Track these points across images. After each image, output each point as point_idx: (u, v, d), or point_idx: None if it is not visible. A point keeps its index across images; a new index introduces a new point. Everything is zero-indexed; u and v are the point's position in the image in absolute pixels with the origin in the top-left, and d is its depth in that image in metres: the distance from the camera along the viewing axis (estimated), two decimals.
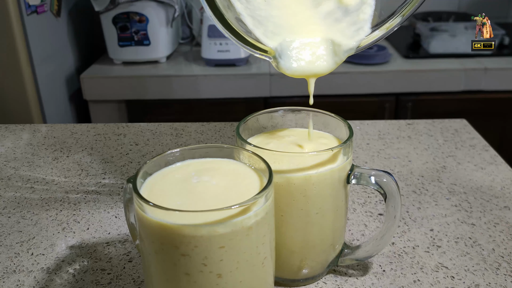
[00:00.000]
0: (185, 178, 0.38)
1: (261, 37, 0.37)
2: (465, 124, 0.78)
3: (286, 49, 0.37)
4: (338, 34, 0.38)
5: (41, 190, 0.61)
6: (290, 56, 0.38)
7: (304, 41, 0.38)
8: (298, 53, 0.38)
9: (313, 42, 0.38)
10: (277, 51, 0.37)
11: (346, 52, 0.39)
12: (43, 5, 1.34)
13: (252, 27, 0.36)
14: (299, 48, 0.38)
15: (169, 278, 0.34)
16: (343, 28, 0.38)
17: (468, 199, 0.58)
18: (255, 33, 0.36)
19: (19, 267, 0.47)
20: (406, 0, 0.37)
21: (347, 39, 0.38)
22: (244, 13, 0.36)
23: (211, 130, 0.77)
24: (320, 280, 0.46)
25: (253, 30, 0.36)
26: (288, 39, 0.38)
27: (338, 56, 0.39)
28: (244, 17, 0.35)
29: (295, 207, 0.40)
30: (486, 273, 0.46)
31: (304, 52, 0.38)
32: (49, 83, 1.38)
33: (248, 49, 0.37)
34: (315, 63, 0.39)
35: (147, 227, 0.34)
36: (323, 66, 0.39)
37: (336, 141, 0.45)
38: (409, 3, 0.37)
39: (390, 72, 1.43)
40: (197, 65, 1.50)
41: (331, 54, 0.38)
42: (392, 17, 0.38)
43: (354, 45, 0.38)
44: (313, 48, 0.38)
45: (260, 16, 0.37)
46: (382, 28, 0.38)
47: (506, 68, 1.43)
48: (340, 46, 0.38)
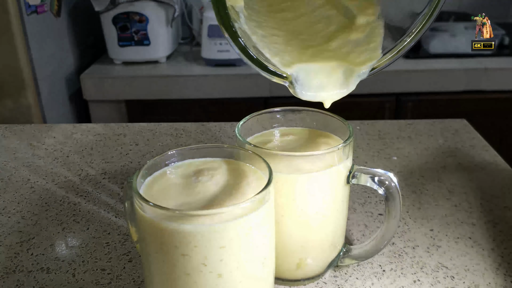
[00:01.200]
0: (185, 178, 0.38)
1: (278, 65, 0.38)
2: (465, 124, 0.78)
3: (302, 76, 0.39)
4: (350, 61, 0.39)
5: (41, 190, 0.61)
6: (305, 83, 0.39)
7: (319, 68, 0.39)
8: (313, 80, 0.39)
9: (327, 69, 0.39)
10: (293, 77, 0.38)
11: (359, 77, 0.39)
12: (43, 5, 1.34)
13: (269, 56, 0.37)
14: (314, 75, 0.39)
15: (169, 278, 0.34)
16: (355, 56, 0.39)
17: (468, 199, 0.58)
18: (272, 61, 0.37)
19: (19, 267, 0.47)
20: (414, 22, 0.38)
21: (359, 65, 0.39)
22: (260, 44, 0.37)
23: (211, 130, 0.77)
24: (320, 280, 0.46)
25: (270, 58, 0.37)
26: (304, 66, 0.39)
27: (351, 82, 0.40)
28: (260, 47, 0.36)
29: (295, 207, 0.40)
30: (486, 273, 0.46)
31: (319, 79, 0.39)
32: (49, 83, 1.38)
33: (266, 75, 0.37)
34: (329, 89, 0.39)
35: (147, 227, 0.34)
36: (336, 92, 0.40)
37: (336, 141, 0.45)
38: (418, 25, 0.38)
39: (390, 72, 1.43)
40: (197, 65, 1.50)
41: (344, 80, 0.39)
42: (402, 40, 0.39)
43: (366, 71, 0.39)
44: (328, 75, 0.39)
45: (276, 48, 0.38)
46: (393, 51, 0.39)
47: (506, 68, 1.43)
48: (353, 72, 0.39)
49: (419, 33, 0.38)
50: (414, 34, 0.38)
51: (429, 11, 0.37)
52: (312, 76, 0.39)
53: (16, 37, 1.23)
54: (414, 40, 0.38)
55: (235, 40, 0.34)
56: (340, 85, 0.39)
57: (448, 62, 1.46)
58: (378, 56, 0.39)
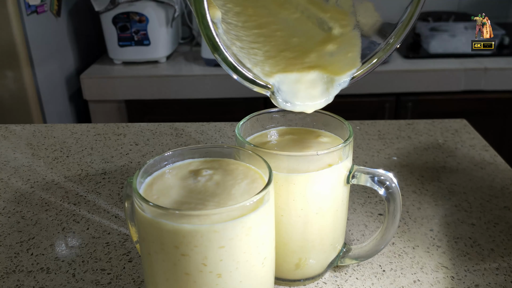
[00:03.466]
0: (185, 178, 0.38)
1: (259, 74, 0.38)
2: (465, 124, 0.78)
3: (283, 86, 0.39)
4: (331, 71, 0.40)
5: (41, 190, 0.61)
6: (287, 93, 0.39)
7: (300, 78, 0.39)
8: (294, 90, 0.39)
9: (308, 79, 0.40)
10: (274, 87, 0.38)
11: (340, 85, 0.40)
12: (43, 5, 1.34)
13: (250, 66, 0.38)
14: (295, 85, 0.39)
15: (169, 278, 0.34)
16: (335, 66, 0.40)
17: (468, 199, 0.58)
18: (253, 71, 0.38)
19: (19, 267, 0.47)
20: (391, 31, 0.39)
21: (339, 74, 0.40)
22: (240, 54, 0.38)
23: (211, 130, 0.77)
24: (320, 280, 0.46)
25: (251, 68, 0.38)
26: (284, 76, 0.39)
27: (332, 91, 0.40)
28: (240, 58, 0.37)
29: (295, 207, 0.40)
30: (486, 273, 0.46)
31: (300, 88, 0.40)
32: (49, 83, 1.39)
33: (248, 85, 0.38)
34: (311, 99, 0.40)
35: (147, 227, 0.34)
36: (318, 102, 0.40)
37: (336, 141, 0.45)
38: (395, 34, 0.39)
39: (390, 72, 1.43)
40: (197, 65, 1.50)
41: (325, 89, 0.40)
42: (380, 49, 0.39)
43: (347, 79, 0.40)
44: (309, 84, 0.40)
45: (255, 60, 0.39)
46: (371, 59, 0.40)
47: (506, 68, 1.43)
48: (334, 81, 0.40)
49: (397, 41, 0.39)
50: (391, 43, 0.39)
51: (407, 20, 0.38)
52: (294, 86, 0.39)
53: (16, 37, 1.23)
54: (391, 49, 0.39)
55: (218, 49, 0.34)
56: (321, 95, 0.40)
57: (448, 62, 1.46)
58: (358, 65, 0.40)
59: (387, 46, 0.39)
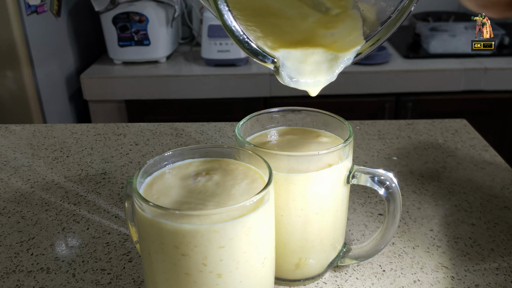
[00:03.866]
0: (185, 178, 0.38)
1: (263, 47, 0.37)
2: (465, 124, 0.78)
3: (287, 61, 0.38)
4: (335, 48, 0.39)
5: (41, 190, 0.61)
6: (291, 68, 0.38)
7: (304, 54, 0.39)
8: (298, 65, 0.39)
9: (313, 55, 0.39)
10: (279, 61, 0.38)
11: (344, 63, 0.39)
12: (43, 5, 1.34)
13: (254, 39, 0.37)
14: (299, 61, 0.39)
15: (169, 278, 0.34)
16: (339, 44, 0.39)
17: (468, 199, 0.58)
18: (258, 43, 0.37)
19: (19, 267, 0.47)
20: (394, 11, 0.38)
21: (344, 51, 0.39)
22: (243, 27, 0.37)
23: (211, 130, 0.77)
24: (320, 280, 0.46)
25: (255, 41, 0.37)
26: (288, 51, 0.38)
27: (336, 69, 0.40)
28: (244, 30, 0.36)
29: (295, 207, 0.40)
30: (486, 273, 0.46)
31: (304, 65, 0.39)
32: (49, 83, 1.39)
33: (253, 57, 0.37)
34: (315, 76, 0.39)
35: (147, 227, 0.34)
36: (322, 79, 0.40)
37: (336, 141, 0.45)
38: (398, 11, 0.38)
39: (390, 72, 1.43)
40: (197, 65, 1.50)
41: (329, 67, 0.39)
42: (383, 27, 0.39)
43: (351, 57, 0.39)
44: (313, 61, 0.39)
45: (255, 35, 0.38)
46: (375, 37, 0.39)
47: (506, 68, 1.43)
48: (338, 58, 0.39)
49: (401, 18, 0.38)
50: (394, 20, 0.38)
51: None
52: (298, 62, 0.38)
53: (16, 37, 1.23)
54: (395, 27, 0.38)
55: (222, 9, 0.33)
56: (325, 72, 0.39)
57: (448, 62, 1.46)
58: (362, 42, 0.39)
59: (390, 24, 0.38)
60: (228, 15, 0.33)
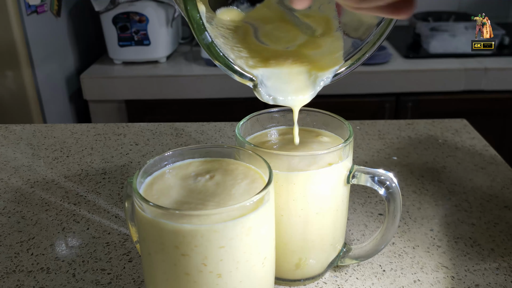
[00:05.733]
0: (185, 178, 0.38)
1: (243, 66, 0.38)
2: (465, 124, 0.78)
3: (266, 79, 0.39)
4: (314, 66, 0.40)
5: (41, 190, 0.61)
6: (270, 87, 0.39)
7: (283, 73, 0.39)
8: (277, 84, 0.39)
9: (292, 73, 0.40)
10: (258, 79, 0.38)
11: (324, 82, 0.40)
12: (43, 5, 1.34)
13: (233, 57, 0.38)
14: (278, 79, 0.39)
15: (169, 278, 0.34)
16: (319, 63, 0.40)
17: (468, 199, 0.58)
18: (237, 62, 0.37)
19: (19, 267, 0.47)
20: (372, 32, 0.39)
21: (323, 70, 0.40)
22: (223, 46, 0.38)
23: (211, 130, 0.77)
24: (320, 280, 0.46)
25: (234, 59, 0.37)
26: (268, 70, 0.39)
27: (315, 87, 0.40)
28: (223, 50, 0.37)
29: (295, 207, 0.40)
30: (486, 273, 0.46)
31: (283, 83, 0.40)
32: (49, 83, 1.39)
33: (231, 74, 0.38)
34: (294, 94, 0.40)
35: (147, 227, 0.34)
36: (301, 98, 0.40)
37: (336, 141, 0.45)
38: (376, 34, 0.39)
39: (390, 72, 1.43)
40: (197, 65, 1.50)
41: (309, 85, 0.40)
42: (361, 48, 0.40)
43: (330, 76, 0.40)
44: (292, 79, 0.40)
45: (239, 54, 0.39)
46: (353, 58, 0.40)
47: (506, 68, 1.43)
48: (317, 77, 0.40)
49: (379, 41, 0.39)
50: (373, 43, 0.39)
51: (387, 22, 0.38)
52: (277, 80, 0.39)
53: (16, 37, 1.23)
54: (373, 49, 0.40)
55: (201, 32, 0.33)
56: (304, 90, 0.40)
57: (448, 62, 1.46)
58: (341, 62, 0.40)
59: (369, 45, 0.40)
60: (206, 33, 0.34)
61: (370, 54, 0.40)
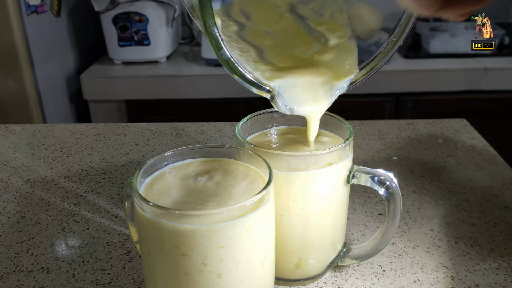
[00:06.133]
0: (185, 178, 0.38)
1: (260, 78, 0.38)
2: (465, 124, 0.78)
3: (283, 90, 0.39)
4: (329, 76, 0.41)
5: (41, 190, 0.61)
6: (287, 98, 0.40)
7: (299, 83, 0.40)
8: (294, 94, 0.40)
9: (308, 84, 0.40)
10: (275, 90, 0.39)
11: (339, 91, 0.41)
12: (43, 5, 1.34)
13: (250, 69, 0.38)
14: (295, 90, 0.40)
15: (169, 278, 0.34)
16: (334, 73, 0.41)
17: (468, 199, 0.58)
18: (254, 74, 0.38)
19: (19, 267, 0.47)
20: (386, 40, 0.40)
21: (338, 79, 0.40)
22: (240, 59, 0.38)
23: (211, 130, 0.77)
24: (320, 280, 0.46)
25: (251, 72, 0.38)
26: (284, 81, 0.39)
27: (331, 96, 0.41)
28: (240, 62, 0.37)
29: (295, 207, 0.40)
30: (486, 273, 0.46)
31: (299, 94, 0.40)
32: (49, 83, 1.39)
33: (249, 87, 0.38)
34: (310, 104, 0.41)
35: (147, 227, 0.34)
36: (318, 108, 0.41)
37: (336, 141, 0.45)
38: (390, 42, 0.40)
39: (390, 72, 1.43)
40: (197, 65, 1.50)
41: (324, 94, 0.40)
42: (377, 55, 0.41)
43: (345, 85, 0.41)
44: (308, 90, 0.40)
45: (255, 65, 0.39)
46: (368, 67, 0.41)
47: (506, 68, 1.43)
48: (333, 87, 0.41)
49: (392, 50, 0.40)
50: (388, 51, 0.40)
51: (401, 30, 0.38)
52: (293, 91, 0.40)
53: (16, 37, 1.23)
54: (388, 56, 0.40)
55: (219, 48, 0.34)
56: (320, 100, 0.40)
57: (448, 62, 1.46)
58: (355, 71, 0.41)
59: (383, 53, 0.40)
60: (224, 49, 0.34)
61: (384, 63, 0.40)
